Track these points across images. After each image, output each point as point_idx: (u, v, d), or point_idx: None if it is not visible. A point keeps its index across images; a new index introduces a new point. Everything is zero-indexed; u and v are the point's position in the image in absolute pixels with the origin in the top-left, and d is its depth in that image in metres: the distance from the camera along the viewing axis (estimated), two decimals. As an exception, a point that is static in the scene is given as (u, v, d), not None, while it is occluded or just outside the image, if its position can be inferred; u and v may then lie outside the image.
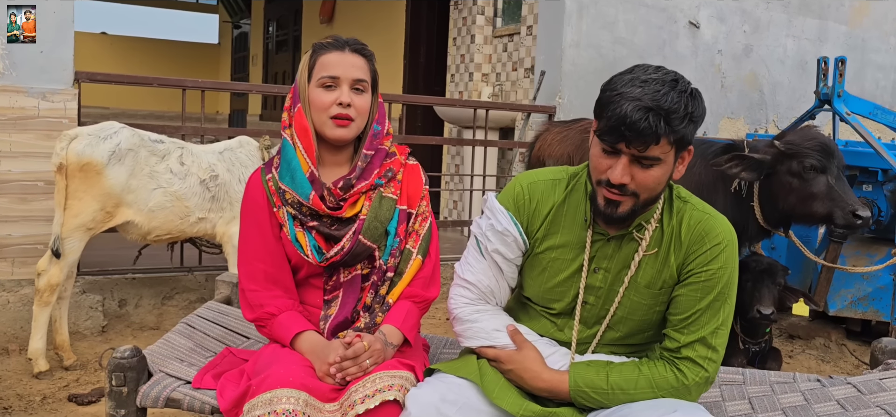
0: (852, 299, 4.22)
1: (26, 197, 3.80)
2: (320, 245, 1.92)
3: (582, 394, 1.71)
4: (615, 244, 1.76)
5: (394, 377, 1.73)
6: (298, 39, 11.64)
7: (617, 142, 1.60)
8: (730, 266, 1.70)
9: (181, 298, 4.31)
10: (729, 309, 1.71)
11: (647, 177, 1.62)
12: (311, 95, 1.92)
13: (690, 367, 1.68)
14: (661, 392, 1.67)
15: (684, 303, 1.70)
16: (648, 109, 1.56)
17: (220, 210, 3.62)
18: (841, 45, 6.30)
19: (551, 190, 1.82)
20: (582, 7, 5.20)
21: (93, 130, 3.36)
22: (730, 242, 1.71)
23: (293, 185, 1.91)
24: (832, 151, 3.12)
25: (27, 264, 3.78)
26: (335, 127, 1.91)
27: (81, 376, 3.49)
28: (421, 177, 2.05)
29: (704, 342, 1.67)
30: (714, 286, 1.68)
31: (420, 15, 8.20)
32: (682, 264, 1.71)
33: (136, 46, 16.44)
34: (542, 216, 1.81)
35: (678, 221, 1.73)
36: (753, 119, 6.08)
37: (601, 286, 1.78)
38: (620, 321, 1.78)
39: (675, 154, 1.64)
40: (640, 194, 1.64)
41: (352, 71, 1.91)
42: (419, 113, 7.82)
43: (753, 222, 3.28)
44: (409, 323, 1.92)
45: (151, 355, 2.05)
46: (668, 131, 1.57)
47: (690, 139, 1.66)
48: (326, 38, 1.98)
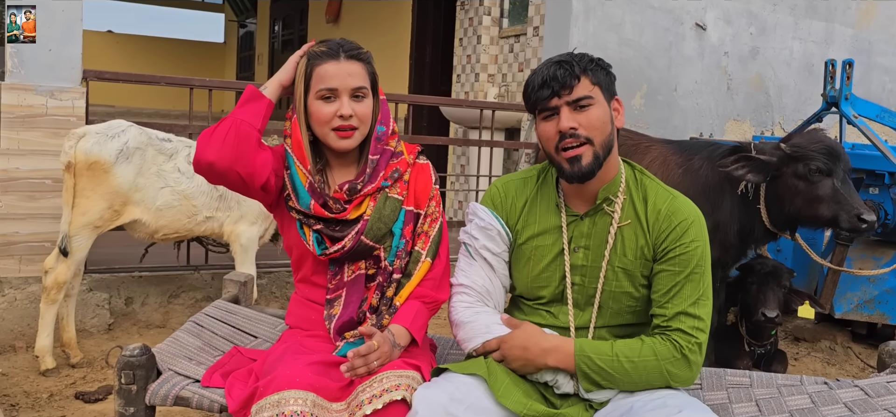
0: (858, 301, 4.21)
1: (34, 195, 3.82)
2: (324, 240, 1.93)
3: (586, 360, 1.75)
4: (590, 222, 1.87)
5: (401, 377, 1.73)
6: (304, 39, 11.66)
7: (548, 99, 1.79)
8: (700, 240, 1.82)
9: (187, 296, 4.33)
10: (707, 281, 1.82)
11: (590, 117, 1.78)
12: (311, 107, 1.91)
13: (681, 337, 1.77)
14: (664, 360, 1.75)
15: (664, 279, 1.81)
16: (556, 63, 1.81)
17: (228, 209, 3.63)
18: (847, 48, 6.29)
19: (523, 186, 1.97)
20: (589, 8, 5.20)
21: (101, 128, 3.37)
22: (696, 218, 1.84)
23: (295, 194, 1.93)
24: (838, 155, 3.12)
25: (34, 261, 3.79)
26: (338, 139, 1.90)
27: (88, 373, 3.50)
28: (430, 177, 2.03)
29: (688, 313, 1.78)
30: (689, 260, 1.80)
31: (426, 15, 8.20)
32: (654, 243, 1.83)
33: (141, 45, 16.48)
34: (519, 209, 1.94)
35: (643, 195, 1.87)
36: (759, 121, 6.07)
37: (584, 264, 1.87)
38: (610, 299, 1.86)
39: (603, 96, 1.81)
40: (593, 137, 1.78)
41: (350, 80, 1.89)
42: (425, 113, 7.83)
43: (759, 225, 3.28)
44: (418, 324, 1.91)
45: (160, 353, 2.06)
46: (581, 70, 1.78)
47: (612, 87, 1.84)
48: (319, 46, 1.94)
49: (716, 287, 3.53)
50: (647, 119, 5.47)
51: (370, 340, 1.78)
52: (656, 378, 1.76)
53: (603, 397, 1.80)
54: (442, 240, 2.01)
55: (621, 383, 1.76)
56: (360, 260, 1.95)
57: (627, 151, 3.53)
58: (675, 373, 1.76)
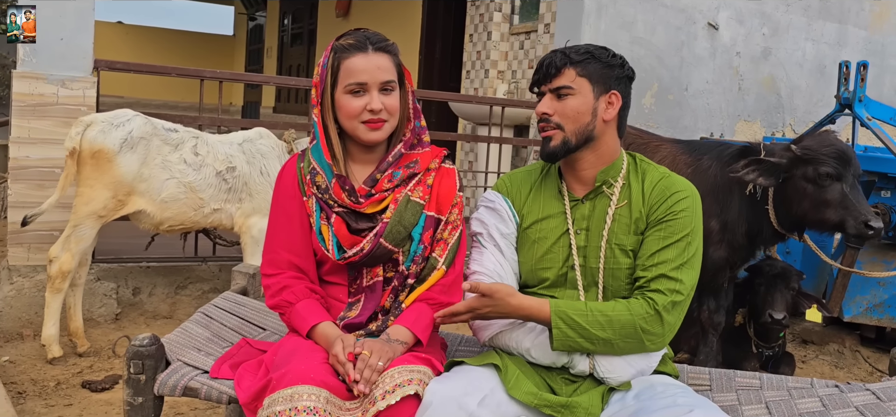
0: (868, 305, 4.19)
1: (43, 184, 3.82)
2: (341, 243, 1.92)
3: (561, 313, 1.76)
4: (589, 205, 1.94)
5: (412, 371, 1.72)
6: (314, 33, 11.66)
7: (536, 83, 1.93)
8: (692, 213, 1.87)
9: (195, 288, 4.33)
10: (693, 251, 1.85)
11: (564, 107, 1.88)
12: (340, 100, 1.90)
13: (657, 296, 1.80)
14: (637, 316, 1.77)
15: (649, 244, 1.86)
16: (553, 51, 1.93)
17: (239, 201, 3.61)
18: (860, 50, 6.25)
19: (528, 176, 2.05)
20: (601, 6, 5.18)
21: (106, 117, 3.36)
22: (691, 193, 1.90)
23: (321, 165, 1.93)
24: (849, 159, 3.10)
25: (43, 250, 3.80)
26: (368, 131, 1.90)
27: (95, 362, 3.51)
28: (455, 183, 2.01)
29: (668, 276, 1.81)
30: (675, 228, 1.84)
31: (436, 10, 8.19)
32: (648, 214, 1.89)
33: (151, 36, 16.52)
34: (524, 196, 2.01)
35: (641, 178, 1.94)
36: (770, 122, 6.04)
37: (585, 244, 1.92)
38: (611, 276, 1.89)
39: (591, 89, 1.88)
40: (564, 124, 1.88)
41: (379, 74, 1.89)
42: (434, 109, 7.82)
43: (767, 226, 3.26)
44: (421, 324, 1.89)
45: (169, 343, 2.06)
46: (567, 61, 1.88)
47: (609, 81, 1.90)
48: (346, 38, 1.93)
49: (724, 288, 3.51)
50: (657, 118, 5.45)
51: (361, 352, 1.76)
52: (630, 333, 1.77)
53: (615, 376, 1.81)
54: (459, 249, 1.98)
55: (596, 339, 1.77)
56: (378, 265, 1.94)
57: (637, 149, 3.50)
58: (647, 330, 1.78)
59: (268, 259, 1.97)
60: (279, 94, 12.52)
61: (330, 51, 1.93)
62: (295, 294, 1.92)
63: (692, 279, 1.84)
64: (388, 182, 1.93)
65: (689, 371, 2.16)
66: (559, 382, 1.84)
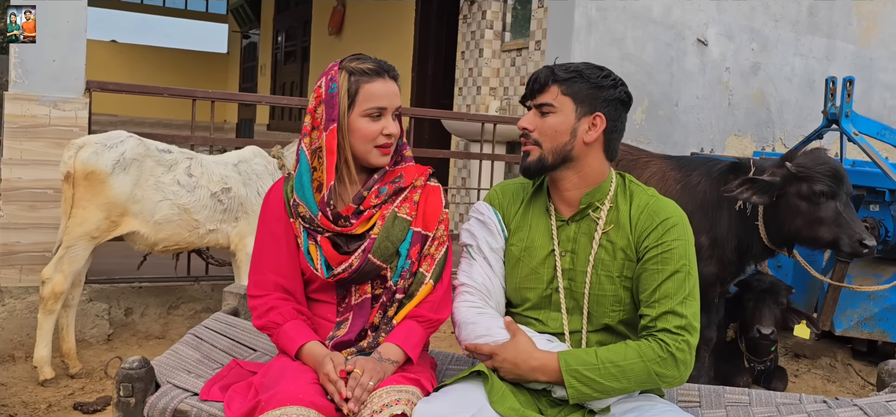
0: (859, 319, 4.21)
1: (35, 205, 3.83)
2: (329, 262, 1.93)
3: (573, 372, 1.75)
4: (575, 227, 1.92)
5: (401, 391, 1.73)
6: (307, 50, 11.70)
7: (525, 99, 1.95)
8: (683, 240, 1.84)
9: (187, 307, 4.33)
10: (693, 281, 1.82)
11: (545, 124, 1.88)
12: (356, 123, 1.93)
13: (668, 336, 1.76)
14: (650, 361, 1.74)
15: (647, 279, 1.82)
16: (544, 67, 1.92)
17: (235, 221, 3.61)
18: (849, 65, 6.30)
19: (520, 190, 2.04)
20: (591, 23, 5.22)
21: (99, 138, 3.37)
22: (679, 218, 1.86)
23: (303, 198, 1.95)
24: (842, 177, 3.13)
25: (35, 271, 3.79)
26: (380, 155, 1.96)
27: (87, 384, 3.50)
28: (441, 200, 2.04)
29: (674, 312, 1.77)
30: (671, 257, 1.81)
31: (429, 27, 8.23)
32: (637, 242, 1.85)
33: (145, 55, 16.55)
34: (513, 212, 2.00)
35: (629, 201, 1.91)
36: (760, 136, 6.08)
37: (570, 267, 1.90)
38: (596, 302, 1.88)
39: (574, 108, 1.87)
40: (542, 141, 1.88)
41: (395, 100, 1.97)
42: (426, 126, 7.84)
43: (758, 242, 3.28)
44: (411, 342, 1.91)
45: (159, 366, 2.06)
46: (553, 79, 1.87)
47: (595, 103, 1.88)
48: (362, 62, 1.96)
49: (714, 303, 3.53)
50: (648, 134, 5.49)
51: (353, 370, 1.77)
52: (645, 380, 1.76)
53: (602, 404, 1.80)
54: (447, 264, 2.01)
55: (612, 389, 1.76)
56: (366, 281, 1.96)
57: (627, 165, 3.54)
58: (662, 374, 1.75)
59: (254, 280, 1.99)
60: (273, 111, 12.55)
61: (343, 75, 1.94)
62: (282, 315, 1.94)
63: (696, 309, 1.81)
64: (375, 198, 1.96)
65: (679, 387, 2.17)
66: (544, 402, 1.84)
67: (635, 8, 5.38)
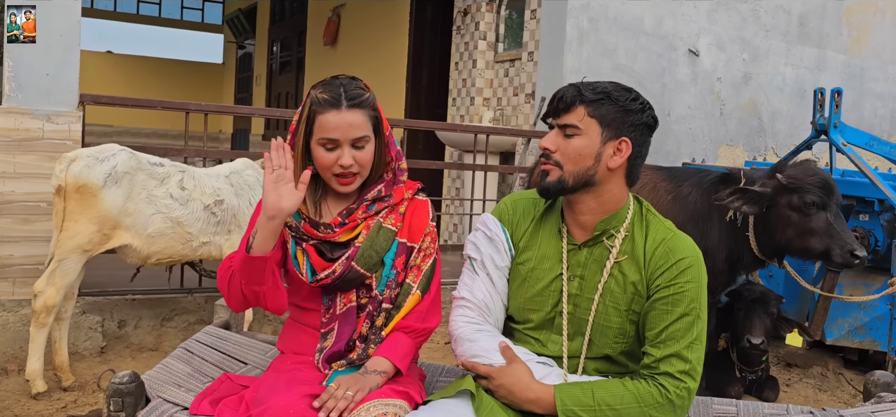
0: (849, 328, 4.23)
1: (29, 218, 3.84)
2: (314, 268, 1.95)
3: (569, 412, 1.73)
4: (587, 252, 1.86)
5: (388, 405, 1.74)
6: (302, 61, 11.73)
7: (548, 116, 1.85)
8: (697, 282, 1.78)
9: (180, 320, 4.33)
10: (701, 325, 1.78)
11: (568, 146, 1.80)
12: (314, 151, 1.92)
13: (670, 381, 1.73)
14: (647, 406, 1.71)
15: (655, 318, 1.77)
16: (570, 85, 1.83)
17: (228, 233, 3.63)
18: (839, 75, 6.35)
19: (532, 206, 1.97)
20: (582, 34, 5.26)
21: (91, 152, 3.38)
22: (695, 260, 1.79)
23: None
24: (832, 189, 3.16)
25: (28, 284, 3.80)
26: (339, 184, 1.94)
27: (79, 397, 3.50)
28: (427, 214, 2.04)
29: (679, 356, 1.73)
30: (681, 300, 1.75)
31: (423, 38, 8.27)
32: (649, 279, 1.79)
33: (141, 65, 16.55)
34: (524, 229, 1.94)
35: (645, 233, 1.84)
36: (752, 146, 6.11)
37: (577, 293, 1.85)
38: (599, 331, 1.83)
39: (600, 132, 1.79)
40: (564, 164, 1.80)
41: (350, 131, 1.89)
42: (420, 137, 7.87)
43: (748, 252, 3.31)
44: (400, 353, 1.92)
45: (149, 380, 2.07)
46: (580, 99, 1.78)
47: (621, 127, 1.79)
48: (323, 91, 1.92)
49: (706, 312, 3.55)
50: (640, 144, 5.50)
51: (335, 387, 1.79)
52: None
53: None
54: (434, 276, 2.01)
55: None
56: (351, 290, 1.97)
57: (619, 177, 3.56)
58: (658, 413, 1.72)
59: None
60: (268, 121, 12.57)
61: (307, 99, 1.95)
62: None
63: (701, 354, 1.76)
64: (362, 213, 1.98)
65: (666, 399, 2.19)
66: None
67: (627, 19, 5.42)
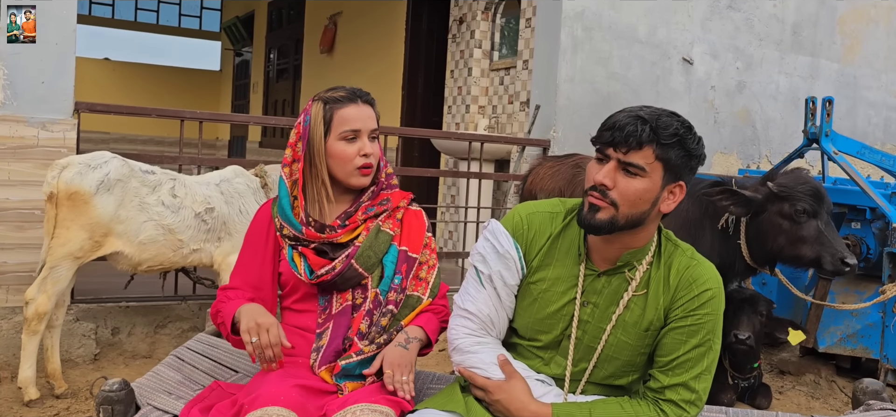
0: (842, 335, 4.24)
1: (23, 225, 3.84)
2: (312, 267, 2.02)
3: None
4: (605, 280, 1.79)
5: (374, 411, 1.76)
6: (299, 68, 11.74)
7: (606, 144, 1.66)
8: (715, 314, 1.75)
9: (174, 327, 4.33)
10: (713, 356, 1.76)
11: (629, 186, 1.65)
12: (333, 147, 2.03)
13: (672, 409, 1.72)
14: None
15: (669, 346, 1.74)
16: (639, 117, 1.65)
17: (218, 241, 3.64)
18: (833, 83, 6.37)
19: (549, 222, 1.85)
20: (577, 43, 5.28)
21: (83, 159, 3.39)
22: (717, 291, 1.75)
23: (287, 220, 2.05)
24: (823, 197, 3.19)
25: (22, 291, 3.79)
26: (360, 176, 2.05)
27: (72, 404, 3.50)
28: (423, 224, 2.13)
29: (687, 386, 1.72)
30: (698, 331, 1.73)
31: (419, 47, 8.29)
32: (668, 307, 1.75)
33: (138, 72, 16.53)
34: (539, 247, 1.83)
35: (667, 265, 1.77)
36: (746, 154, 6.13)
37: (589, 320, 1.81)
38: (607, 360, 1.81)
39: (662, 175, 1.67)
40: (620, 205, 1.66)
41: (369, 122, 2.06)
42: (416, 144, 7.89)
43: (740, 260, 3.32)
44: (431, 327, 2.04)
45: (140, 388, 2.08)
46: (652, 139, 1.63)
47: (682, 171, 1.69)
48: (335, 91, 2.07)
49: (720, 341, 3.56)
50: (634, 152, 5.51)
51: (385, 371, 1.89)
52: None
53: None
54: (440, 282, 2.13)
55: None
56: (347, 289, 2.03)
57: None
58: None
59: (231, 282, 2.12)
60: (265, 129, 12.58)
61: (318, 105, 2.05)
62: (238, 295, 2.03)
63: (709, 385, 1.74)
64: (362, 215, 2.05)
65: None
66: None
67: (621, 28, 5.44)
